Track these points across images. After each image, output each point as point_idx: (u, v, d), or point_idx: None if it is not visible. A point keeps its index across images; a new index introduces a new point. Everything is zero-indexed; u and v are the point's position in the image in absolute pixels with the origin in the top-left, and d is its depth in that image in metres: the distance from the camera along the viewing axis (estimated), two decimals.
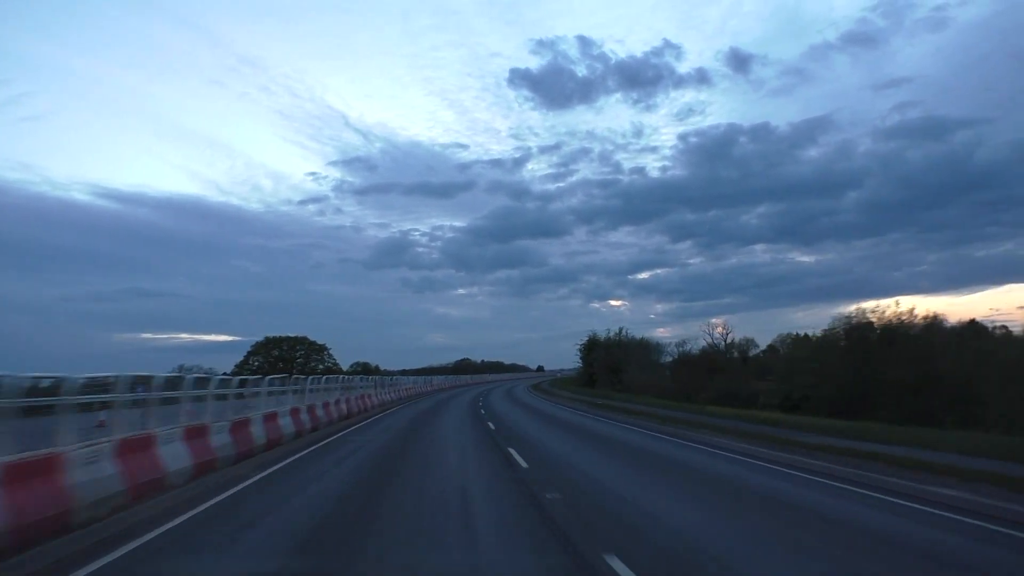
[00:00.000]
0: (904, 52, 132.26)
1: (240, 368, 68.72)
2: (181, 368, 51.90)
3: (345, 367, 75.08)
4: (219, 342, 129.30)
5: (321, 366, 72.98)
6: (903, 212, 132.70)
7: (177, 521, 7.05)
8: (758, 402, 36.72)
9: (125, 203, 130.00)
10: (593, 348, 68.62)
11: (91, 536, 6.40)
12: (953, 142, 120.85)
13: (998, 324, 40.46)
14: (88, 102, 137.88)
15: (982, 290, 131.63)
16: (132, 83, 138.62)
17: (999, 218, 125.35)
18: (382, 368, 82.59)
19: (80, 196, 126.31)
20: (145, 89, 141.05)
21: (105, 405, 9.22)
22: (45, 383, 7.89)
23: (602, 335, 70.19)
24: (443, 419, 23.71)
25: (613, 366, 59.48)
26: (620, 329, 68.55)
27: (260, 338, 76.13)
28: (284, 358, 73.66)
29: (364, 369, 74.77)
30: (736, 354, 61.08)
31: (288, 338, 77.52)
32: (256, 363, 70.95)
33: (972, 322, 40.55)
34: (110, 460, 7.80)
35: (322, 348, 77.62)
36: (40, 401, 7.56)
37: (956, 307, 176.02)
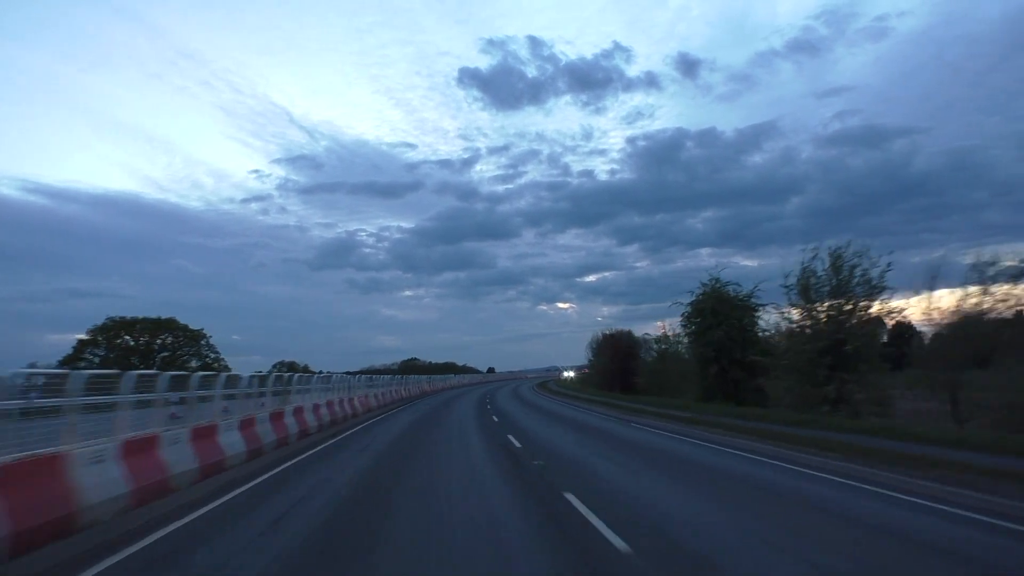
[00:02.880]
0: (845, 61, 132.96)
1: (70, 363, 48.16)
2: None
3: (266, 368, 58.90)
4: None
5: (196, 361, 55.75)
6: (842, 218, 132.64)
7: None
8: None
9: (57, 199, 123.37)
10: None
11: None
12: (891, 150, 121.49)
13: None
14: (17, 92, 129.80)
15: (915, 295, 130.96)
16: (65, 74, 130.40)
17: (933, 225, 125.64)
18: (312, 368, 64.99)
19: (9, 191, 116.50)
20: (79, 80, 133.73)
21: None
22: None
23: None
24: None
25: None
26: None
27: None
28: (138, 349, 54.35)
29: (290, 369, 57.58)
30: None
31: (146, 322, 55.83)
32: (96, 357, 51.60)
33: None
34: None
35: (197, 335, 58.03)
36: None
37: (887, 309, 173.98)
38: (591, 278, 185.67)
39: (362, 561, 5.40)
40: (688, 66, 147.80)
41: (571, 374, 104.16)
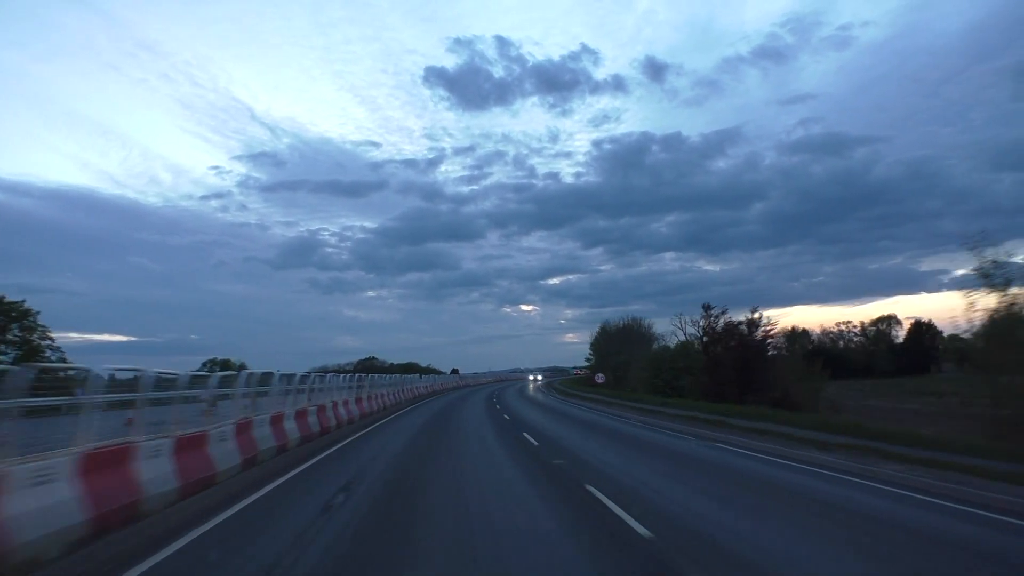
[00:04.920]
0: (810, 69, 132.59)
1: None
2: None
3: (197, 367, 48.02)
4: (113, 343, 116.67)
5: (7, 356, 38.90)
6: (803, 224, 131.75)
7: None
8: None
9: (7, 193, 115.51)
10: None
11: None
12: (852, 158, 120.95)
13: None
14: None
15: (872, 301, 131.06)
16: (17, 63, 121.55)
17: (891, 233, 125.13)
18: (250, 367, 47.24)
19: None
20: (32, 70, 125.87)
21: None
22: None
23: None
24: None
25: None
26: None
27: (159, 339, 46.51)
28: None
29: (224, 368, 45.11)
30: None
31: None
32: None
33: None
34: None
35: (22, 312, 42.35)
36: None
37: (847, 316, 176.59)
38: (555, 281, 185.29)
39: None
40: (655, 70, 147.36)
41: (539, 377, 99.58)
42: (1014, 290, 20.65)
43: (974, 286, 21.04)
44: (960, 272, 23.12)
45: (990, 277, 21.16)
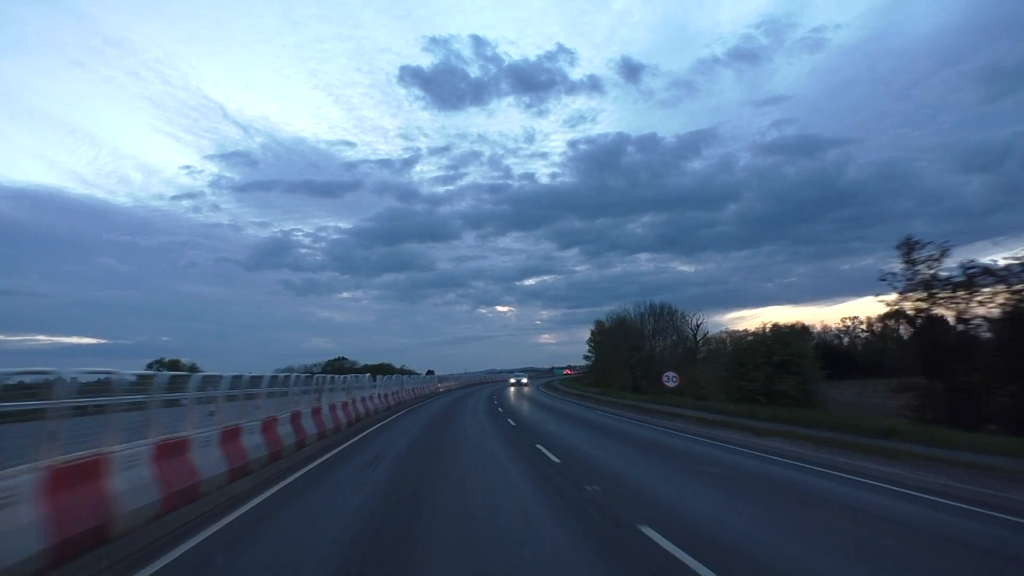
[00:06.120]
0: (783, 71, 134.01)
1: None
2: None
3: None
4: (82, 345, 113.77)
5: None
6: (777, 225, 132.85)
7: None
8: None
9: None
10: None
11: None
12: (824, 160, 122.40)
13: None
14: None
15: (843, 301, 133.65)
16: None
17: (862, 234, 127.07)
18: (201, 367, 47.05)
19: None
20: None
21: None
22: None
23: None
24: None
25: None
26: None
27: (130, 341, 45.03)
28: None
29: (171, 368, 43.84)
30: None
31: None
32: None
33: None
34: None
35: None
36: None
37: (817, 316, 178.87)
38: (531, 282, 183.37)
39: None
40: (631, 71, 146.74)
41: (524, 380, 78.58)
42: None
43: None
44: (930, 273, 25.18)
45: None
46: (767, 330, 33.80)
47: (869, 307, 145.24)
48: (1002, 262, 22.57)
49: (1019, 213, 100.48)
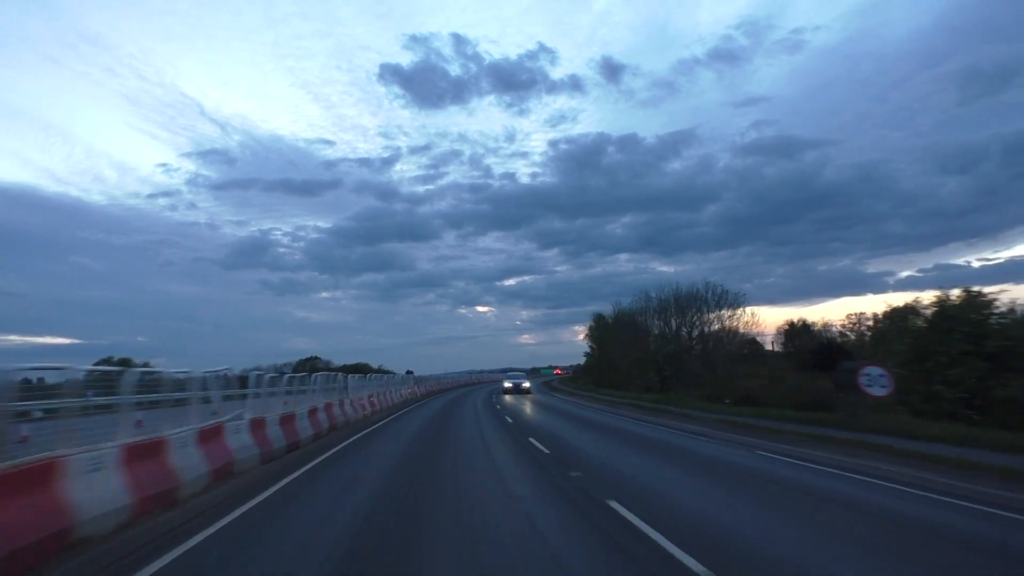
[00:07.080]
0: (763, 72, 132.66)
1: None
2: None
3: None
4: (56, 345, 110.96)
5: None
6: (756, 226, 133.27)
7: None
8: None
9: None
10: None
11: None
12: (803, 161, 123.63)
13: None
14: None
15: (822, 302, 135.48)
16: None
17: (841, 235, 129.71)
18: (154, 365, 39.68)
19: None
20: None
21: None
22: None
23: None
24: None
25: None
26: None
27: (105, 341, 42.38)
28: None
29: (121, 364, 36.67)
30: None
31: None
32: None
33: None
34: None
35: None
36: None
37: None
38: (511, 282, 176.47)
39: None
40: (611, 71, 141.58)
41: (526, 384, 62.98)
42: None
43: None
44: (905, 274, 23.96)
45: None
46: (955, 299, 19.64)
47: (844, 308, 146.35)
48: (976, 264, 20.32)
49: (993, 215, 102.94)
